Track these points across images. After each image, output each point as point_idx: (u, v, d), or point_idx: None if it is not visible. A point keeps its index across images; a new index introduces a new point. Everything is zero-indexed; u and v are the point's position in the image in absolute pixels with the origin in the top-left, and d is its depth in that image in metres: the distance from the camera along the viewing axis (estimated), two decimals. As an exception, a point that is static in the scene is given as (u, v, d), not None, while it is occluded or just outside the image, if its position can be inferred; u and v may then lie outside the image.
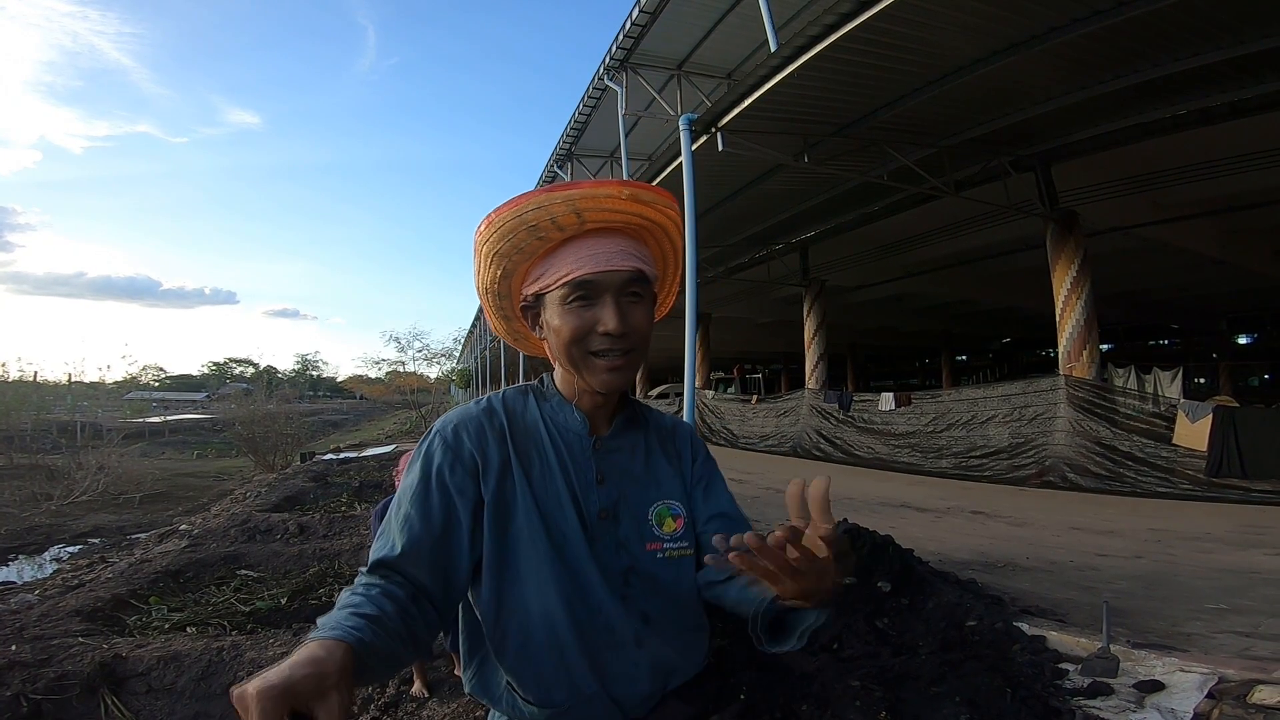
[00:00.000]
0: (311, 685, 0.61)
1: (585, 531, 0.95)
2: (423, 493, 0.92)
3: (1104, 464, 8.18)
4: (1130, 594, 4.00)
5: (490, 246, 0.95)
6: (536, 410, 1.02)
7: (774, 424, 14.78)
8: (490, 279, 1.00)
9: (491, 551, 0.93)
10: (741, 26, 9.95)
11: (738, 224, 12.52)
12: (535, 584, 0.93)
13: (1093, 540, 5.58)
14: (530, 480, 0.96)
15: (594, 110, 13.08)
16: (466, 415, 0.99)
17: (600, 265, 0.92)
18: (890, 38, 5.93)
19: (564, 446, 1.00)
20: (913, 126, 8.26)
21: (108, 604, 5.30)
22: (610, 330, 0.92)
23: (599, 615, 0.94)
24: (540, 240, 0.94)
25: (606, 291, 0.93)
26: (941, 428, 10.56)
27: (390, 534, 0.90)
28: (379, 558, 0.88)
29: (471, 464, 0.94)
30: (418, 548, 0.88)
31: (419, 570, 0.88)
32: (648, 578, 0.99)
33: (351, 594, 0.81)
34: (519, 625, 0.93)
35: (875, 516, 6.14)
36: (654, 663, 0.97)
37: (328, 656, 0.64)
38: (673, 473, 1.07)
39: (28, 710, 3.39)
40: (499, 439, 0.97)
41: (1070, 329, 8.80)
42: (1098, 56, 6.45)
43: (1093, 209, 9.35)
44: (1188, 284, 15.38)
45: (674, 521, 1.03)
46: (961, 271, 14.54)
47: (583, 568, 0.94)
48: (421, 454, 0.95)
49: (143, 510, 11.90)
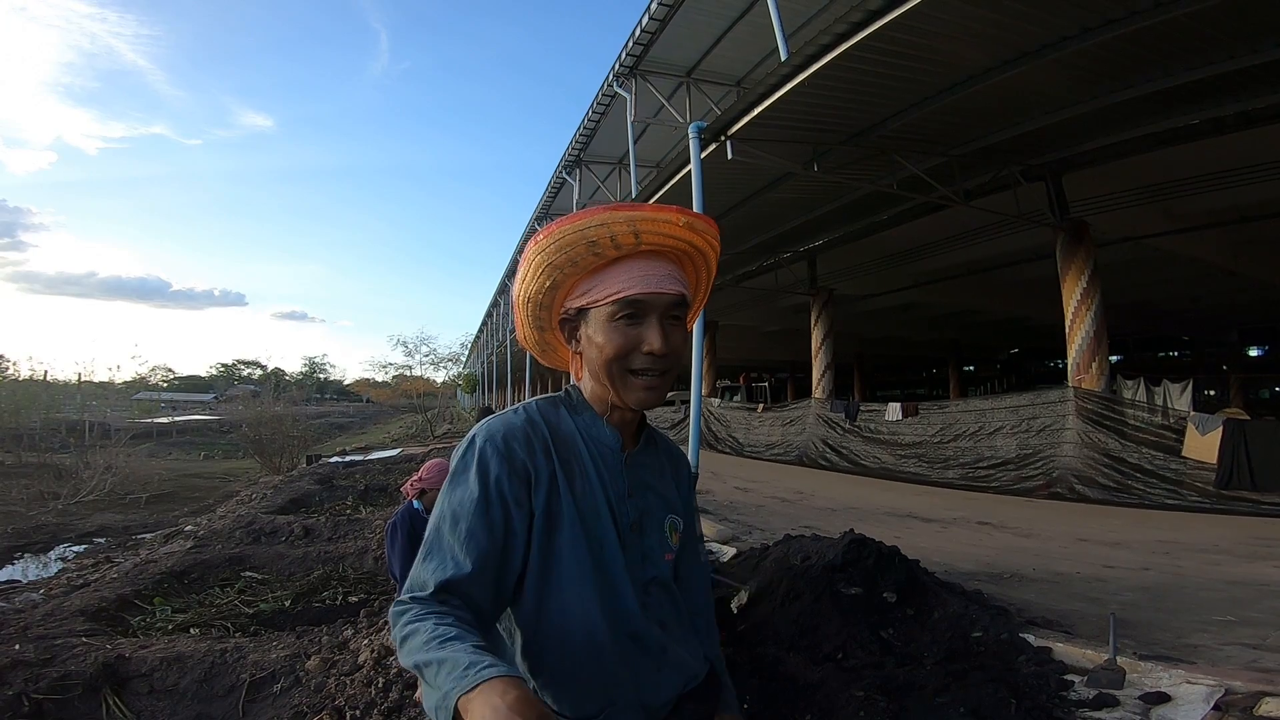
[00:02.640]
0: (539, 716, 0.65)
1: (620, 541, 0.98)
2: (483, 505, 0.90)
3: (1112, 475, 8.12)
4: (1137, 605, 3.97)
5: (545, 258, 0.97)
6: (571, 423, 1.04)
7: (780, 433, 14.73)
8: (537, 288, 1.01)
9: (537, 563, 0.94)
10: (751, 34, 9.99)
11: (746, 232, 12.51)
12: (576, 594, 0.94)
13: (1100, 552, 5.55)
14: (573, 491, 0.97)
15: (603, 116, 13.13)
16: (512, 425, 0.98)
17: (651, 287, 0.95)
18: (901, 47, 5.92)
19: (599, 458, 1.01)
20: (923, 135, 8.25)
21: (112, 604, 5.31)
22: (654, 350, 0.95)
23: (629, 623, 0.96)
24: (596, 256, 0.96)
25: (653, 312, 0.96)
26: (948, 438, 10.51)
27: (451, 551, 0.88)
28: (445, 579, 0.85)
29: (525, 474, 0.94)
30: (485, 564, 0.88)
31: (482, 590, 0.87)
32: (664, 586, 1.04)
33: (439, 626, 0.77)
34: (558, 637, 0.93)
35: (881, 526, 6.12)
36: (676, 668, 1.01)
37: (524, 691, 0.67)
38: (675, 490, 1.13)
39: (29, 709, 3.39)
40: (545, 450, 0.98)
41: (1080, 340, 8.74)
42: (1109, 66, 6.43)
43: (1103, 219, 9.31)
44: (1199, 295, 15.27)
45: (676, 535, 1.09)
46: (970, 281, 14.48)
47: (618, 577, 0.97)
48: (474, 464, 0.93)
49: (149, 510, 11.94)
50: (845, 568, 3.61)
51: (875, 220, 11.94)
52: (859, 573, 3.57)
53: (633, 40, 9.91)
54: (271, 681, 3.80)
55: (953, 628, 3.21)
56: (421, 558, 0.89)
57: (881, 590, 3.48)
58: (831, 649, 3.09)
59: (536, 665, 0.94)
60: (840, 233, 12.92)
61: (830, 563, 3.62)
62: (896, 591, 3.49)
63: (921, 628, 3.25)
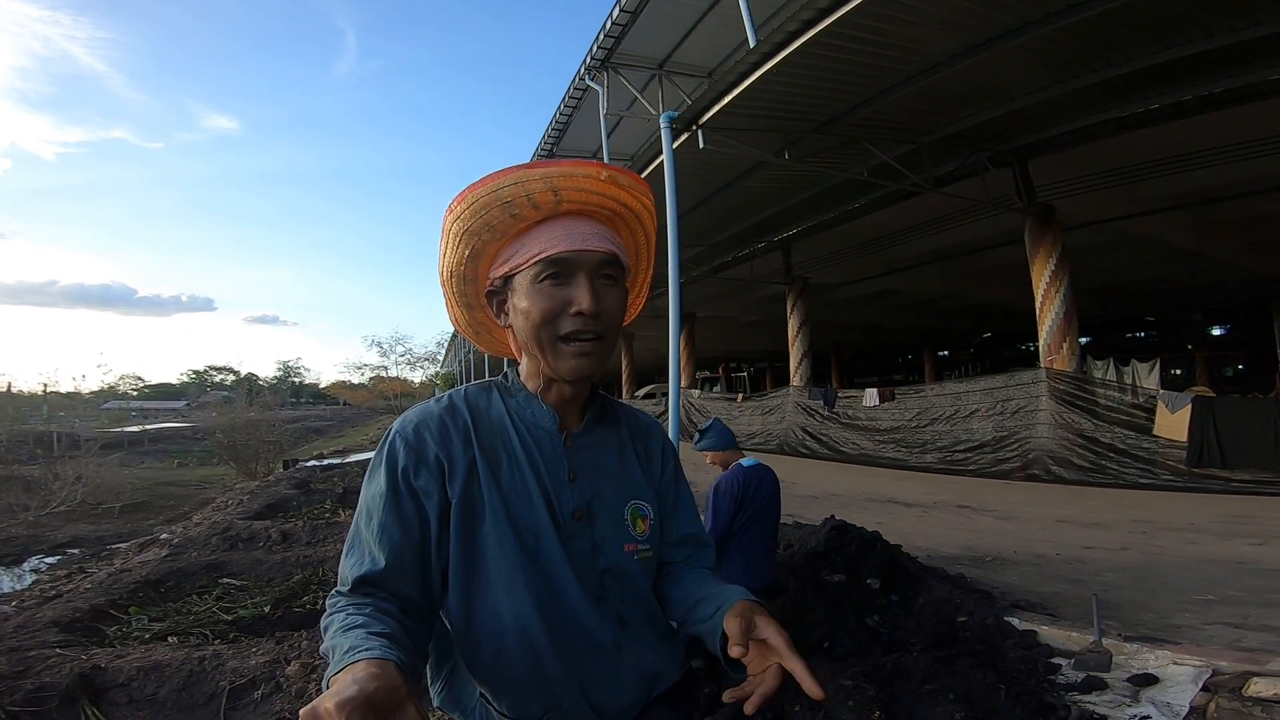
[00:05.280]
0: (386, 696, 0.59)
1: (558, 532, 0.90)
2: (393, 499, 0.87)
3: (1086, 456, 8.25)
4: (1119, 586, 4.02)
5: (461, 224, 0.90)
6: (502, 406, 0.97)
7: (760, 422, 14.82)
8: (456, 261, 0.94)
9: (459, 557, 0.88)
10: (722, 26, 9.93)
11: (721, 222, 12.55)
12: (506, 589, 0.87)
13: (1079, 533, 5.61)
14: (498, 480, 0.90)
15: (575, 110, 13.01)
16: (427, 414, 0.93)
17: (575, 244, 0.88)
18: (867, 33, 5.97)
19: (533, 443, 0.94)
20: (892, 123, 8.32)
21: (86, 614, 5.18)
22: (584, 309, 0.87)
23: (574, 620, 0.89)
24: (514, 219, 0.89)
25: (580, 270, 0.89)
26: (925, 423, 10.62)
27: (366, 547, 0.85)
28: (361, 574, 0.82)
29: (436, 465, 0.89)
30: (400, 559, 0.84)
31: (405, 582, 0.84)
32: (625, 580, 0.95)
33: (349, 615, 0.76)
34: (491, 633, 0.88)
35: (863, 513, 6.15)
36: (635, 669, 0.93)
37: (384, 672, 0.62)
38: (642, 472, 1.03)
39: (3, 724, 3.30)
40: (464, 438, 0.91)
41: (1050, 322, 8.90)
42: (1072, 51, 6.54)
43: (1070, 203, 9.49)
44: (1164, 276, 15.63)
45: (643, 523, 0.99)
46: (942, 267, 14.67)
47: (556, 570, 0.89)
48: (384, 458, 0.90)
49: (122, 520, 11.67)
50: (828, 554, 3.63)
51: (848, 209, 12.05)
52: (842, 560, 3.59)
53: (604, 33, 9.80)
54: (252, 688, 3.73)
55: (938, 613, 3.24)
56: (344, 553, 0.87)
57: (865, 577, 3.51)
58: (819, 638, 3.10)
59: (471, 660, 0.89)
60: (814, 222, 13.01)
61: (813, 550, 3.64)
62: (880, 578, 3.51)
63: (907, 614, 3.28)
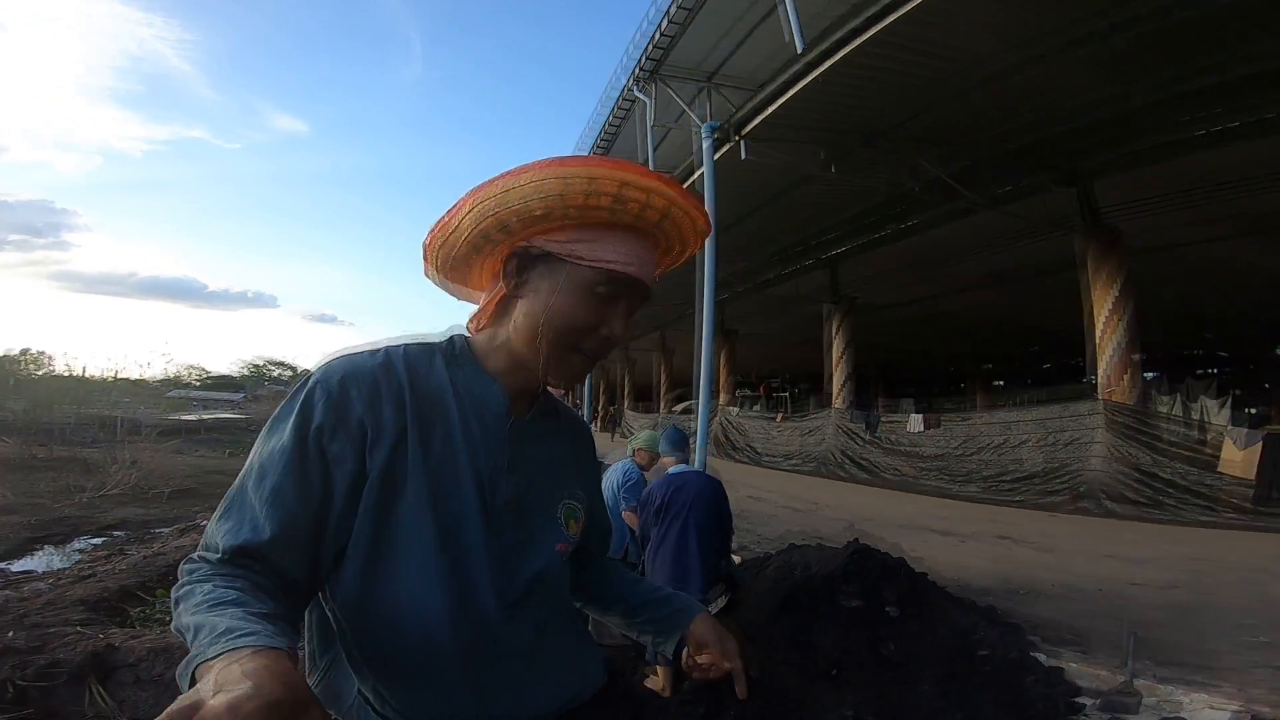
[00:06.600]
0: (288, 696, 0.50)
1: (486, 522, 0.81)
2: (299, 460, 0.74)
3: (1143, 491, 7.87)
4: (1162, 624, 3.81)
5: (546, 186, 0.77)
6: (444, 375, 0.85)
7: (799, 442, 14.50)
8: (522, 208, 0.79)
9: (366, 535, 0.76)
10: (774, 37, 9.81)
11: (764, 237, 12.37)
12: (412, 577, 0.77)
13: (1125, 569, 5.37)
14: (427, 456, 0.79)
15: (623, 121, 13.07)
16: (358, 367, 0.80)
17: (644, 274, 0.85)
18: (915, 42, 5.77)
19: (474, 422, 0.83)
20: (945, 138, 8.04)
21: (114, 595, 5.32)
22: (614, 338, 0.85)
23: (484, 620, 0.79)
24: (592, 210, 0.79)
25: (627, 298, 0.85)
26: (971, 450, 10.27)
27: (252, 511, 0.72)
28: (239, 543, 0.70)
29: (358, 430, 0.76)
30: (292, 531, 0.72)
31: (290, 559, 0.72)
32: (548, 582, 0.87)
33: (217, 589, 0.64)
34: (388, 623, 0.77)
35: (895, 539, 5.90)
36: (549, 679, 0.85)
37: (279, 665, 0.52)
38: (576, 470, 0.98)
39: (13, 696, 3.36)
40: (396, 403, 0.79)
41: (1110, 351, 8.44)
42: (1142, 64, 6.18)
43: (1137, 225, 8.96)
44: (1239, 305, 14.67)
45: (575, 524, 0.93)
46: (997, 290, 14.12)
47: (473, 563, 0.79)
48: (296, 408, 0.76)
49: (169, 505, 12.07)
50: (847, 578, 3.46)
51: (898, 226, 11.70)
52: (861, 584, 3.42)
53: (651, 44, 9.81)
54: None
55: (957, 644, 3.05)
56: (219, 513, 0.74)
57: (884, 603, 3.32)
58: (826, 663, 2.93)
59: (361, 653, 0.78)
60: (862, 240, 12.68)
61: (830, 573, 3.47)
62: (900, 604, 3.33)
63: (924, 643, 3.09)
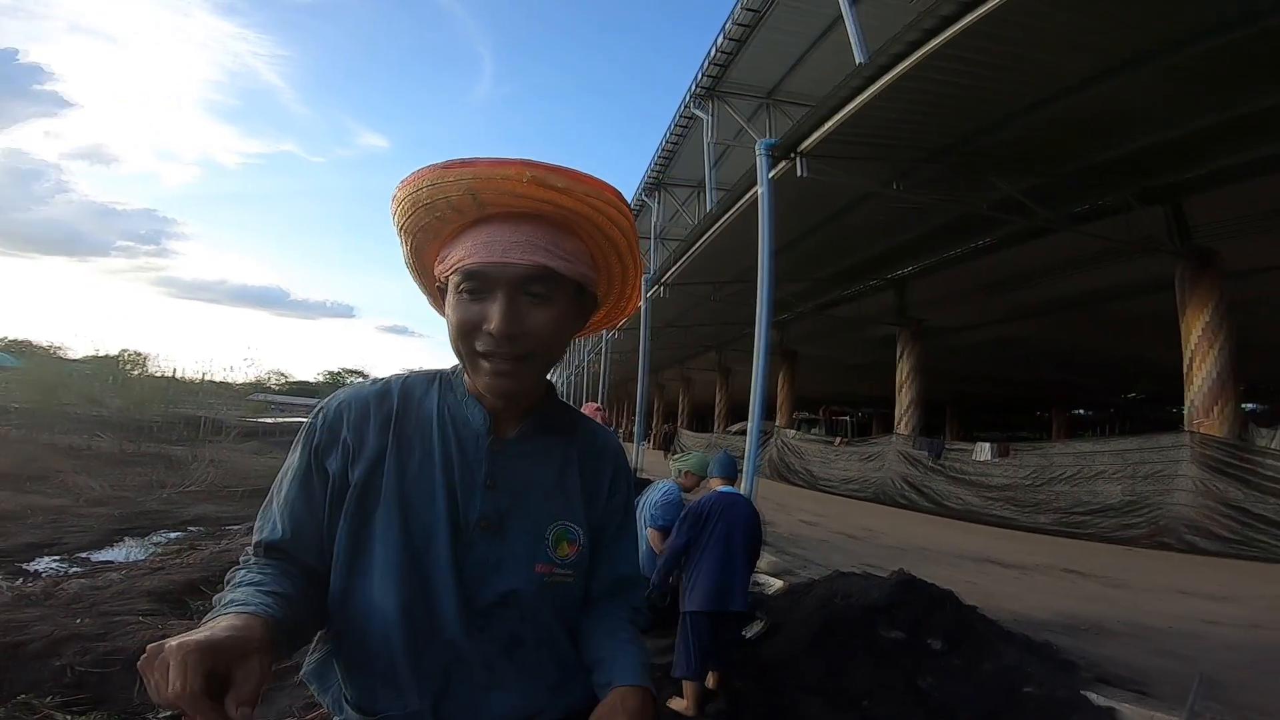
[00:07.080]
0: (234, 645, 0.61)
1: (455, 537, 0.85)
2: (304, 474, 0.88)
3: (1231, 526, 7.29)
4: (1236, 666, 3.49)
5: (397, 220, 0.87)
6: (435, 401, 0.93)
7: (858, 468, 14.01)
8: (405, 253, 0.93)
9: (346, 541, 0.86)
10: (835, 53, 9.69)
11: (826, 257, 12.04)
12: (380, 581, 0.84)
13: (1201, 606, 4.97)
14: (403, 472, 0.87)
15: (683, 139, 13.13)
16: (355, 395, 0.93)
17: (493, 255, 0.80)
18: (983, 55, 5.49)
19: (454, 441, 0.89)
20: (1018, 153, 7.63)
21: (179, 587, 5.58)
22: (493, 330, 0.80)
23: (441, 630, 0.84)
24: (439, 220, 0.84)
25: (498, 286, 0.81)
26: (1043, 481, 9.72)
27: (274, 515, 0.88)
28: (265, 540, 0.86)
29: (343, 448, 0.88)
30: (301, 530, 0.86)
31: (306, 553, 0.86)
32: (525, 601, 0.88)
33: (249, 573, 0.80)
34: (359, 621, 0.85)
35: (950, 570, 5.67)
36: (513, 693, 0.86)
37: (245, 625, 0.66)
38: (582, 494, 0.95)
39: (71, 680, 3.55)
40: (382, 424, 0.89)
41: (1200, 381, 7.78)
42: (1236, 73, 5.71)
43: (1235, 246, 8.26)
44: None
45: (569, 546, 0.92)
46: (1078, 315, 13.25)
47: (438, 575, 0.84)
48: (303, 431, 0.91)
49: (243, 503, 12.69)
50: (890, 609, 3.28)
51: (970, 246, 11.16)
52: (904, 616, 3.22)
53: (709, 61, 9.84)
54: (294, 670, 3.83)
55: (1002, 681, 2.84)
56: (259, 515, 0.90)
57: (927, 636, 3.12)
58: (858, 694, 2.76)
59: (337, 645, 0.88)
60: (930, 260, 12.16)
61: (872, 604, 3.30)
62: (945, 638, 3.12)
63: (967, 680, 2.90)
